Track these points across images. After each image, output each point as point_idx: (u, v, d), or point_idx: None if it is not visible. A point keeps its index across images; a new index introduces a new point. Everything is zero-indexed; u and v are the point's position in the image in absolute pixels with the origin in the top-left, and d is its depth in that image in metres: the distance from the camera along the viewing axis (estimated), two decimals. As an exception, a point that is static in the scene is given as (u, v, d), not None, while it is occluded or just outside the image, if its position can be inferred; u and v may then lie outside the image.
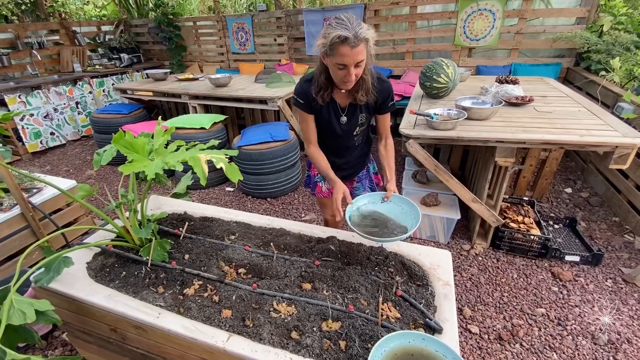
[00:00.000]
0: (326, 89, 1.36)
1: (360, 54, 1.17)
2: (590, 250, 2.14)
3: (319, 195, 1.80)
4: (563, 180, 3.11)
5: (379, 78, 1.39)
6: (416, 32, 4.21)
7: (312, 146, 1.53)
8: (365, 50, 1.18)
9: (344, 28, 1.12)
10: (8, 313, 0.93)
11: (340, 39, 1.12)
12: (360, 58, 1.18)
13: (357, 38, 1.12)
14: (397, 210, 1.39)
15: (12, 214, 1.90)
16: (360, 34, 1.12)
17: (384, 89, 1.40)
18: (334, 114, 1.46)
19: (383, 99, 1.42)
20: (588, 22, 3.53)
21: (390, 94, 1.43)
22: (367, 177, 1.76)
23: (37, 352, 1.73)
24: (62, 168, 4.00)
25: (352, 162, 1.66)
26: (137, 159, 1.11)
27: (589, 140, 1.74)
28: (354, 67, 1.20)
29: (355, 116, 1.46)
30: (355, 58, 1.17)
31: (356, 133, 1.53)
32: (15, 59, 4.78)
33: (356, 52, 1.15)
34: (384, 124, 1.52)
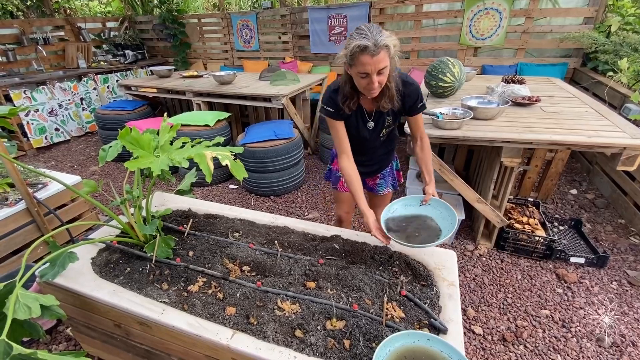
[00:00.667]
0: (352, 98, 1.36)
1: (382, 62, 1.16)
2: (595, 252, 2.13)
3: (341, 189, 1.78)
4: (568, 182, 3.09)
5: (405, 82, 1.37)
6: (421, 30, 4.18)
7: (345, 158, 1.46)
8: (387, 57, 1.17)
9: (364, 37, 1.13)
10: (14, 307, 0.94)
11: (360, 48, 1.14)
12: (381, 65, 1.17)
13: (376, 46, 1.13)
14: (435, 214, 1.38)
15: (17, 209, 1.91)
16: (380, 42, 1.13)
17: (411, 92, 1.38)
18: (362, 119, 1.47)
19: (411, 102, 1.40)
20: (596, 22, 3.49)
21: (419, 96, 1.40)
22: (390, 174, 1.76)
23: (42, 346, 1.74)
24: (67, 164, 4.02)
25: (376, 159, 1.66)
26: (143, 155, 1.11)
27: (597, 141, 1.73)
28: (377, 75, 1.20)
29: (382, 119, 1.46)
30: (376, 66, 1.17)
31: (382, 135, 1.53)
32: (20, 55, 4.80)
33: (377, 60, 1.15)
34: (416, 124, 1.49)
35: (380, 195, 1.79)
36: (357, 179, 1.45)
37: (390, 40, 1.15)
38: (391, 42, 1.16)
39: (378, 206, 1.83)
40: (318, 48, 4.80)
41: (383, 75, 1.22)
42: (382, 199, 1.81)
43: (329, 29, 4.58)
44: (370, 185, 1.77)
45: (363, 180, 1.75)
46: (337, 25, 4.52)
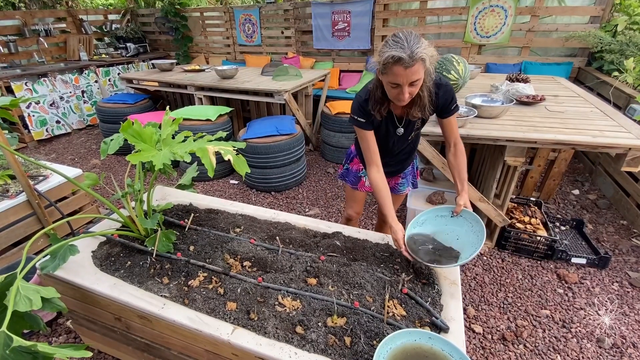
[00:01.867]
0: (382, 104, 1.31)
1: (415, 74, 1.11)
2: (597, 253, 2.12)
3: (362, 189, 1.73)
4: (571, 182, 3.08)
5: (438, 84, 1.30)
6: (426, 27, 4.15)
7: (375, 170, 1.41)
8: (421, 69, 1.11)
9: (400, 47, 1.07)
10: (15, 299, 0.93)
11: (393, 59, 1.08)
12: (414, 78, 1.12)
13: (412, 58, 1.06)
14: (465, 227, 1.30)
15: (18, 201, 1.91)
16: (416, 54, 1.06)
17: (444, 93, 1.31)
18: (392, 125, 1.42)
19: (444, 104, 1.33)
20: (602, 21, 3.46)
21: (452, 97, 1.33)
22: (411, 172, 1.74)
23: (42, 338, 1.75)
24: (68, 156, 4.01)
25: (400, 159, 1.60)
26: (145, 148, 1.10)
27: (602, 141, 1.71)
28: (408, 86, 1.15)
29: (411, 124, 1.42)
30: (409, 78, 1.11)
31: (411, 138, 1.49)
32: (22, 46, 4.77)
33: (410, 72, 1.09)
34: (449, 128, 1.40)
35: (399, 194, 1.77)
36: (387, 191, 1.39)
37: (427, 52, 1.09)
38: (428, 54, 1.09)
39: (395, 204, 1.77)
40: (321, 44, 4.77)
41: (415, 86, 1.16)
42: (401, 198, 1.81)
43: (332, 24, 4.54)
44: (390, 185, 1.71)
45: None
46: (340, 21, 4.49)
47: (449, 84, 1.34)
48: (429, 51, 1.10)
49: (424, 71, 1.14)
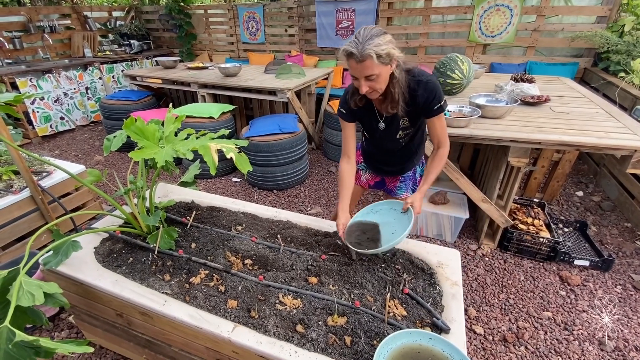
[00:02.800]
0: (357, 94, 1.33)
1: (367, 69, 1.14)
2: (600, 256, 2.10)
3: (357, 182, 1.74)
4: (575, 183, 3.06)
5: (418, 81, 1.27)
6: (430, 26, 4.13)
7: (345, 160, 1.47)
8: (375, 66, 1.13)
9: (354, 43, 1.12)
10: (17, 294, 0.94)
11: (346, 53, 1.15)
12: (367, 73, 1.15)
13: (361, 54, 1.11)
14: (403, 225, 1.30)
15: (21, 197, 1.92)
16: (365, 51, 1.10)
17: (424, 92, 1.27)
18: (374, 119, 1.43)
19: (424, 103, 1.28)
20: (609, 21, 3.42)
21: (434, 96, 1.27)
22: (412, 178, 1.67)
23: (44, 333, 1.76)
24: (71, 153, 4.03)
25: (398, 160, 1.57)
26: (148, 145, 1.10)
27: (607, 143, 1.70)
28: (366, 80, 1.18)
29: (395, 121, 1.39)
30: (362, 72, 1.16)
31: (400, 136, 1.45)
32: (27, 42, 4.79)
33: (362, 67, 1.14)
34: (433, 129, 1.37)
35: (400, 197, 1.70)
36: (349, 184, 1.45)
37: (379, 49, 1.10)
38: (381, 51, 1.11)
39: None
40: (324, 42, 4.76)
41: (375, 82, 1.19)
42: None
43: (336, 22, 4.53)
44: (389, 187, 1.70)
45: (383, 180, 1.72)
46: (344, 19, 4.47)
47: (431, 81, 1.28)
48: (383, 48, 1.11)
49: (385, 68, 1.16)
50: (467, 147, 2.91)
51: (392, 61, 1.17)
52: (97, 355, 1.63)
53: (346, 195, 1.43)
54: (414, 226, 1.75)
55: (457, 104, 2.20)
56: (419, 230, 2.43)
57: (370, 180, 1.74)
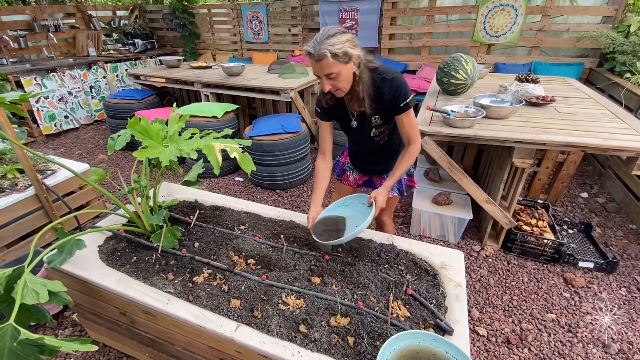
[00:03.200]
0: (328, 93, 1.36)
1: (325, 68, 1.18)
2: (604, 258, 2.09)
3: (345, 182, 1.79)
4: (579, 185, 3.04)
5: (383, 78, 1.29)
6: (434, 26, 4.11)
7: (321, 157, 1.53)
8: (332, 65, 1.16)
9: (313, 42, 1.17)
10: (22, 292, 0.94)
11: (305, 52, 1.19)
12: (327, 71, 1.19)
13: (317, 54, 1.15)
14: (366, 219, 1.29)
15: (26, 195, 1.93)
16: (320, 50, 1.14)
17: (389, 89, 1.29)
18: (347, 118, 1.46)
19: (390, 100, 1.30)
20: (615, 21, 3.40)
21: (399, 94, 1.29)
22: None
23: (48, 331, 1.77)
24: (75, 151, 4.05)
25: (380, 160, 1.60)
26: (152, 145, 1.10)
27: (613, 144, 1.68)
28: (328, 79, 1.22)
29: (366, 119, 1.41)
30: (322, 71, 1.19)
31: (374, 134, 1.46)
32: (31, 41, 4.82)
33: (320, 65, 1.18)
34: (401, 127, 1.38)
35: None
36: (324, 180, 1.49)
37: (334, 48, 1.14)
38: (337, 50, 1.14)
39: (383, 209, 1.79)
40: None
41: (336, 80, 1.22)
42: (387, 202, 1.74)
43: (339, 22, 4.52)
44: (376, 186, 1.72)
45: (371, 179, 1.73)
46: (348, 19, 4.47)
47: (396, 78, 1.29)
48: (339, 47, 1.14)
49: (345, 67, 1.19)
50: (471, 148, 2.89)
51: (352, 60, 1.20)
52: (100, 353, 1.64)
53: (319, 190, 1.47)
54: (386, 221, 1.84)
55: (461, 104, 2.20)
56: (422, 231, 2.42)
57: (359, 179, 1.76)
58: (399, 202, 2.86)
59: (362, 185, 1.78)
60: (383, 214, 1.81)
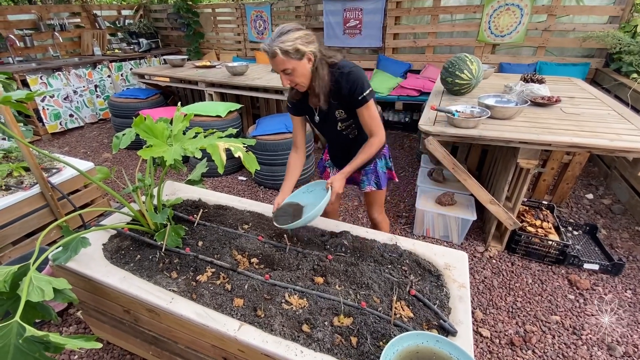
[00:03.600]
0: (292, 89, 1.44)
1: (279, 64, 1.24)
2: (610, 259, 2.07)
3: (327, 179, 1.78)
4: (584, 186, 3.01)
5: (341, 73, 1.32)
6: (438, 26, 4.10)
7: (293, 150, 1.59)
8: (285, 61, 1.22)
9: (268, 39, 1.23)
10: (28, 289, 0.95)
11: (262, 49, 1.27)
12: (282, 67, 1.25)
13: (270, 51, 1.22)
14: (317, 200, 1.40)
15: (31, 193, 1.94)
16: (272, 47, 1.20)
17: (346, 83, 1.32)
18: (310, 112, 1.51)
19: (348, 94, 1.33)
20: (621, 21, 3.37)
21: (356, 87, 1.31)
22: (374, 172, 1.67)
23: (53, 328, 1.78)
24: (80, 150, 4.08)
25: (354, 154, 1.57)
26: (157, 144, 1.11)
27: (619, 145, 1.67)
28: (284, 74, 1.28)
29: (330, 113, 1.45)
30: (277, 67, 1.26)
31: (340, 128, 1.50)
32: (37, 40, 4.86)
33: (275, 62, 1.25)
34: (361, 119, 1.40)
35: (364, 191, 1.72)
36: (294, 169, 1.55)
37: (285, 45, 1.20)
38: (287, 47, 1.20)
39: (368, 204, 1.81)
40: (332, 41, 4.75)
41: (292, 76, 1.28)
42: (369, 197, 1.76)
43: (343, 21, 4.52)
44: (358, 182, 1.72)
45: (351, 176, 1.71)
46: (352, 19, 4.46)
47: (353, 72, 1.32)
48: (289, 45, 1.20)
49: (299, 63, 1.25)
50: (475, 148, 2.88)
51: (305, 56, 1.25)
52: (104, 350, 1.65)
53: (289, 180, 1.53)
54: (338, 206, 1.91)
55: (465, 104, 2.18)
56: (425, 232, 2.41)
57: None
58: (402, 202, 2.85)
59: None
60: (372, 211, 1.82)
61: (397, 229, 2.52)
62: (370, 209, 1.82)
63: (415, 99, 3.96)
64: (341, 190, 1.43)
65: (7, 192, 1.92)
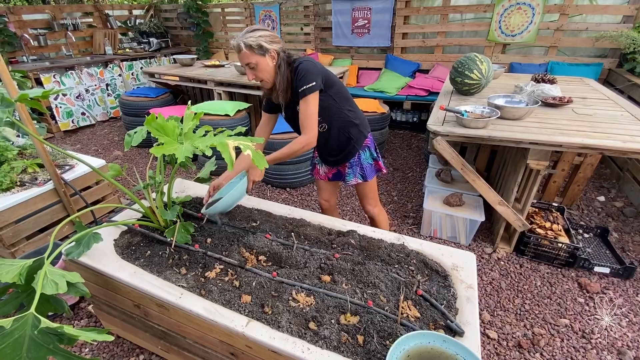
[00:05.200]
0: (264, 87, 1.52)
1: (245, 58, 1.35)
2: (621, 263, 2.03)
3: (316, 176, 1.87)
4: (596, 188, 2.96)
5: (294, 67, 1.41)
6: (448, 25, 4.07)
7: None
8: (250, 55, 1.34)
9: (235, 38, 1.35)
10: (42, 283, 0.97)
11: (231, 46, 1.37)
12: (246, 61, 1.36)
13: (239, 45, 1.34)
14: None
15: (45, 189, 1.99)
16: (241, 42, 1.32)
17: (296, 76, 1.39)
18: (280, 110, 1.63)
19: (296, 86, 1.41)
20: (636, 21, 3.30)
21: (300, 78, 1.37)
22: (358, 164, 1.69)
23: (64, 321, 1.82)
24: (92, 147, 4.15)
25: (332, 147, 1.65)
26: (168, 141, 1.12)
27: (633, 147, 1.64)
28: (249, 69, 1.38)
29: (293, 109, 1.53)
30: (242, 61, 1.37)
31: None
32: (51, 40, 4.95)
33: (241, 56, 1.36)
34: (299, 113, 1.45)
35: (349, 184, 1.73)
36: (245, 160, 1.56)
37: (249, 40, 1.31)
38: (251, 42, 1.32)
39: (359, 198, 1.84)
40: (340, 40, 4.75)
41: (256, 70, 1.38)
42: (357, 190, 1.80)
43: (352, 21, 4.51)
44: (344, 178, 1.73)
45: (339, 172, 1.77)
46: (360, 18, 4.45)
47: (302, 65, 1.38)
48: (253, 40, 1.32)
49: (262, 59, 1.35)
50: (484, 149, 2.85)
51: (269, 53, 1.36)
52: (114, 344, 1.68)
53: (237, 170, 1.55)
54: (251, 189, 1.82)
55: (475, 104, 2.17)
56: (433, 232, 2.40)
57: (328, 172, 1.81)
58: (410, 202, 2.84)
59: (332, 179, 1.82)
60: (365, 204, 1.84)
61: (404, 229, 2.51)
62: (363, 202, 1.84)
63: (424, 98, 3.93)
64: (257, 178, 1.47)
65: (21, 188, 1.97)
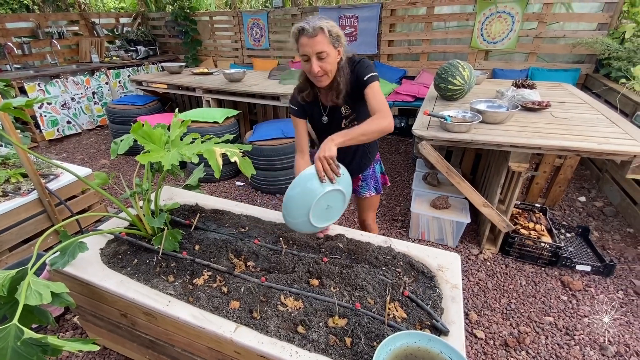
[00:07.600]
0: (306, 89, 1.43)
1: (319, 44, 1.21)
2: (602, 261, 2.10)
3: None
4: (577, 189, 3.06)
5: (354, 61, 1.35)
6: (432, 33, 4.17)
7: (299, 156, 1.52)
8: (325, 41, 1.22)
9: (304, 22, 1.23)
10: (26, 293, 0.96)
11: (298, 29, 1.23)
12: (319, 48, 1.22)
13: (313, 28, 1.20)
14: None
15: (29, 199, 1.95)
16: (316, 24, 1.20)
17: (358, 68, 1.33)
18: (318, 113, 1.50)
19: (357, 78, 1.33)
20: (610, 28, 3.45)
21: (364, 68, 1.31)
22: (372, 177, 1.68)
23: (49, 333, 1.78)
24: (78, 156, 4.09)
25: (351, 157, 1.59)
26: (154, 149, 1.13)
27: (607, 148, 1.71)
28: (318, 60, 1.24)
29: (337, 112, 1.45)
30: (314, 48, 1.22)
31: (345, 125, 1.49)
32: (35, 48, 4.89)
33: (314, 42, 1.21)
34: (367, 101, 1.31)
35: (362, 197, 1.72)
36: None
37: (330, 25, 1.21)
38: (332, 28, 1.21)
39: (363, 210, 1.79)
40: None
41: (325, 61, 1.25)
42: (366, 202, 1.76)
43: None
44: (354, 187, 1.71)
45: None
46: (347, 26, 4.53)
47: (363, 59, 1.35)
48: (329, 25, 1.22)
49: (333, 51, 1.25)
50: (469, 152, 2.92)
51: (340, 47, 1.27)
52: (101, 355, 1.65)
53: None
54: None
55: (458, 109, 2.23)
56: (421, 235, 2.44)
57: None
58: (398, 205, 2.88)
59: None
60: (365, 215, 1.81)
61: (392, 232, 2.54)
62: (365, 215, 1.81)
63: (410, 104, 4.01)
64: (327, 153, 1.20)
65: (4, 198, 1.93)
